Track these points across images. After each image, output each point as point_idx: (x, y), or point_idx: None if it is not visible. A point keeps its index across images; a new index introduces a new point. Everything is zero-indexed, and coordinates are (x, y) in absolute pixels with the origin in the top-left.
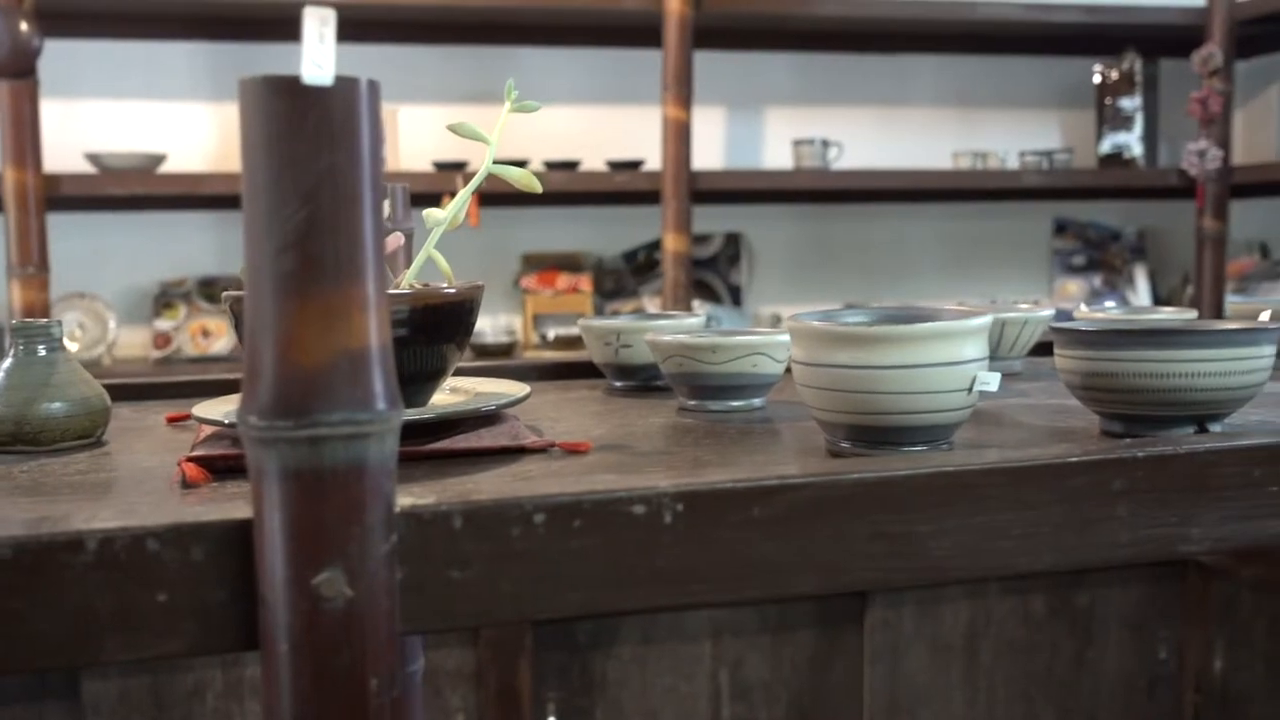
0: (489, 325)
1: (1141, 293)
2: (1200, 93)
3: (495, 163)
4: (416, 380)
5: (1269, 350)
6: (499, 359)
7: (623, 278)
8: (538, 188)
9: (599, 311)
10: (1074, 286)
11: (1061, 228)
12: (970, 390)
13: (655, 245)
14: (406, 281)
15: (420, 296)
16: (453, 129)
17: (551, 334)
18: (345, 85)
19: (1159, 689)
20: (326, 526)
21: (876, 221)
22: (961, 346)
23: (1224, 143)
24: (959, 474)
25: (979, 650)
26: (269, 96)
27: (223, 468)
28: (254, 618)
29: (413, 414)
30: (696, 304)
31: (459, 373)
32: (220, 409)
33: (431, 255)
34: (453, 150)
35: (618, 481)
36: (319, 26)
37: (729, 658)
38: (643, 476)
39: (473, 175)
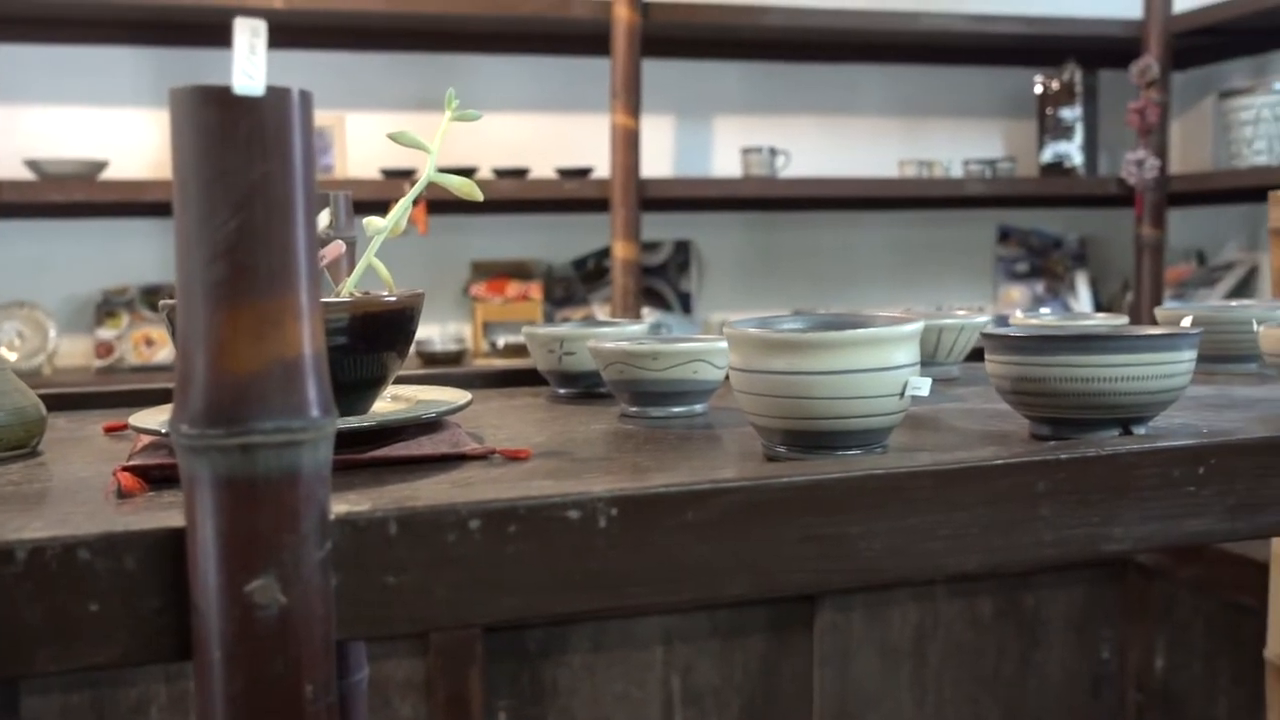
0: (438, 333)
1: (1083, 299)
2: (1138, 103)
3: (441, 170)
4: (357, 388)
5: (1189, 355)
6: (448, 367)
7: (572, 285)
8: (478, 196)
9: (549, 319)
10: (1017, 293)
11: (1005, 235)
12: (902, 395)
13: (605, 253)
14: (346, 289)
15: (360, 304)
16: (393, 138)
17: (501, 342)
18: (277, 95)
19: (1102, 688)
20: (260, 534)
21: (824, 229)
22: (893, 352)
23: (1161, 152)
24: (888, 477)
25: (927, 653)
26: (200, 106)
27: (159, 477)
28: (188, 627)
29: (353, 421)
30: (646, 311)
31: (404, 380)
32: (157, 418)
33: (372, 263)
34: (400, 158)
35: (553, 487)
36: (250, 37)
37: (680, 664)
38: (579, 482)
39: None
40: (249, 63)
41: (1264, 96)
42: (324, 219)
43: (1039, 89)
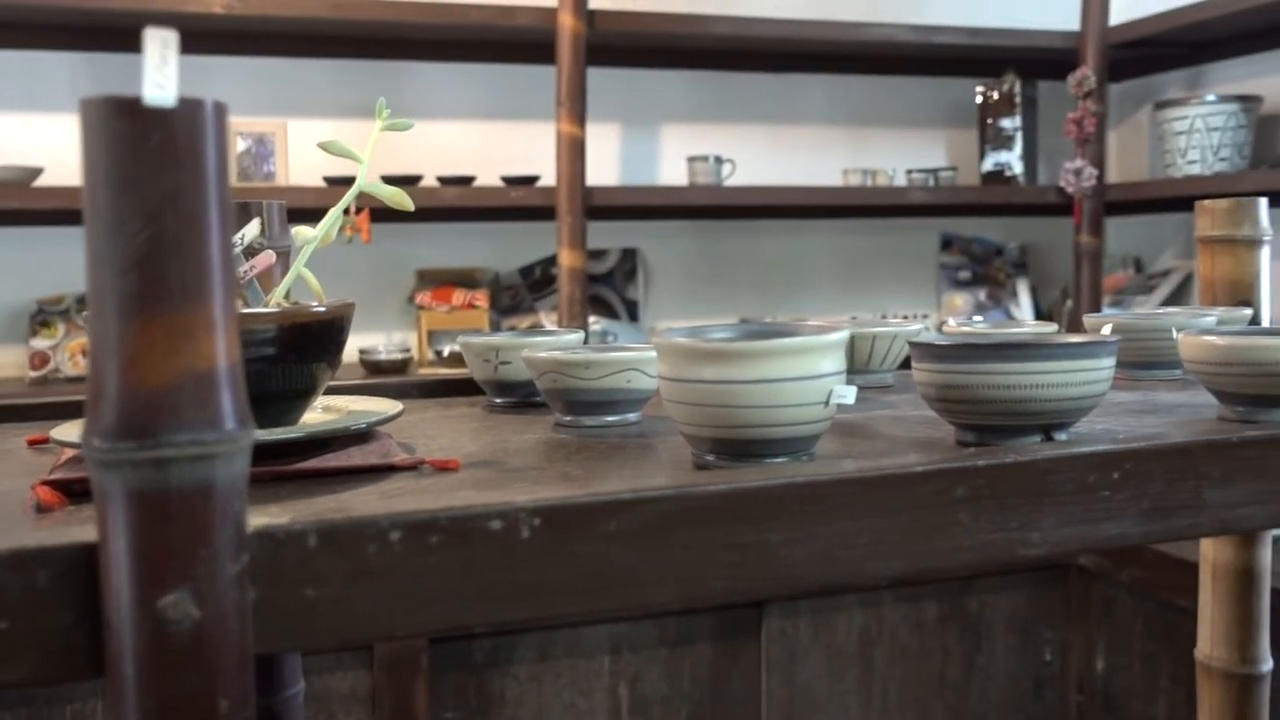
0: (383, 342)
1: (1024, 306)
2: (1076, 114)
3: (385, 179)
4: (286, 399)
5: (1108, 362)
6: (393, 376)
7: (519, 293)
8: (409, 206)
9: (495, 327)
10: (960, 300)
11: (948, 243)
12: (827, 403)
13: (551, 261)
14: (275, 299)
15: (288, 315)
16: (324, 147)
17: (446, 350)
18: (189, 106)
19: (1045, 690)
20: (173, 548)
21: (770, 237)
22: (819, 361)
23: (1099, 162)
24: (809, 485)
25: (873, 657)
26: (111, 116)
27: (80, 490)
28: (102, 643)
29: (280, 433)
30: (593, 319)
31: (340, 391)
32: (80, 431)
33: (301, 273)
34: (344, 165)
35: (478, 497)
36: (161, 48)
37: (628, 673)
38: (506, 492)
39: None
40: (160, 73)
41: (1197, 108)
42: (254, 229)
43: (980, 99)
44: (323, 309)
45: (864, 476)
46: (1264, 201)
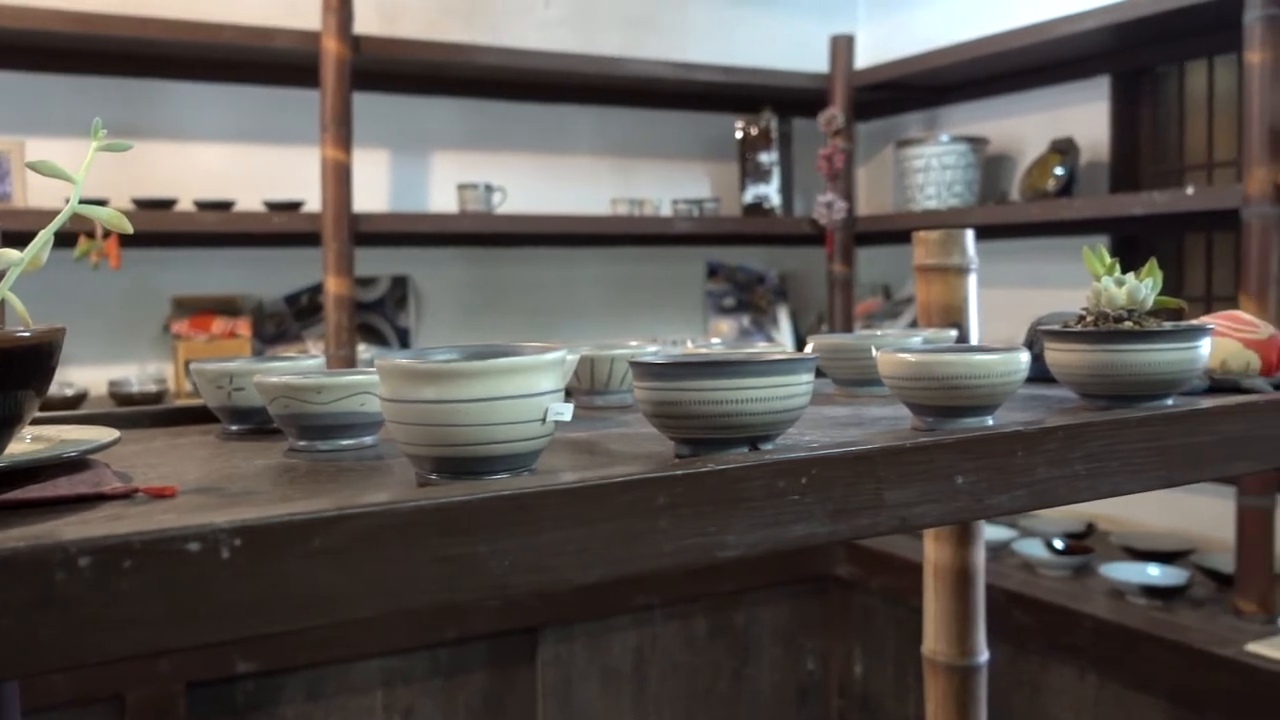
0: (135, 373)
1: (784, 331)
2: (826, 150)
3: (140, 202)
4: None
5: (807, 377)
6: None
7: (285, 321)
8: (128, 228)
9: (259, 356)
10: (726, 325)
11: (713, 271)
12: (544, 420)
13: (318, 288)
14: None
15: None
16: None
17: None
18: None
19: (808, 697)
20: None
21: (542, 265)
22: (535, 380)
23: (848, 195)
24: (514, 497)
25: (647, 675)
26: None
27: None
28: None
29: None
30: (363, 347)
31: (68, 421)
32: None
33: (7, 298)
34: (91, 187)
35: (175, 520)
36: None
37: (401, 706)
38: (209, 514)
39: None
40: None
41: (933, 147)
42: None
43: (739, 134)
44: (27, 333)
45: (569, 488)
46: (971, 233)
